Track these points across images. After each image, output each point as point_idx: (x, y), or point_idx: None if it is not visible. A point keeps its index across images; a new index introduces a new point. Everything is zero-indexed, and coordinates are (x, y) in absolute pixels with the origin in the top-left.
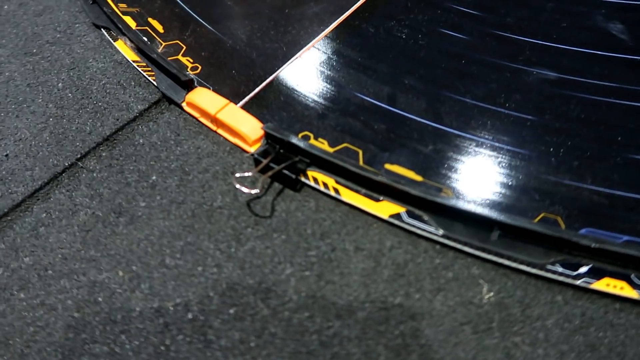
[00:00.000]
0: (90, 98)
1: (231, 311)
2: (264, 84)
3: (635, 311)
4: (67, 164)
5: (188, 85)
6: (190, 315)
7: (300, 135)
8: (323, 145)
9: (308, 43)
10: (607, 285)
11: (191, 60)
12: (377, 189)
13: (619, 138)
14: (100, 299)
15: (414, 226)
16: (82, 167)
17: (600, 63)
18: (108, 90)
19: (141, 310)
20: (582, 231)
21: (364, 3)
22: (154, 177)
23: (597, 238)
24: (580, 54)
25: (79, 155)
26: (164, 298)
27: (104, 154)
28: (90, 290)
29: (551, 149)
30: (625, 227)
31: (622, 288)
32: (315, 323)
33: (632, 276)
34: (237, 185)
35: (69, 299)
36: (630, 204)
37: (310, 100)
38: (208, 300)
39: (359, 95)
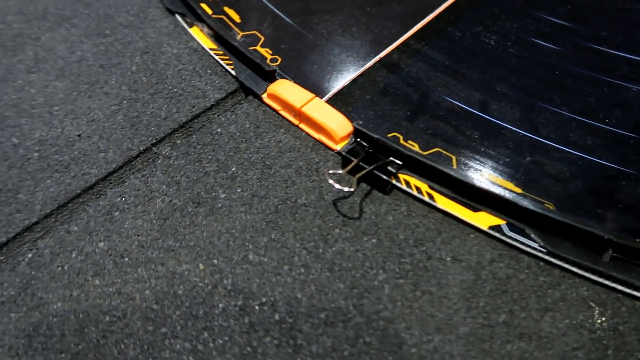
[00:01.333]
0: (165, 83)
1: (322, 315)
2: (348, 80)
3: None
4: (142, 149)
5: (270, 76)
6: (277, 317)
7: (388, 135)
8: (414, 147)
9: (392, 43)
10: None
11: (270, 52)
12: (477, 198)
13: None
14: (180, 292)
15: (516, 240)
16: (157, 152)
17: None
18: (183, 77)
19: (225, 307)
20: None
21: (449, 6)
22: (233, 169)
23: None
24: None
25: (154, 141)
26: (248, 296)
27: (179, 141)
28: (169, 281)
29: None
30: None
31: None
32: (414, 335)
33: None
34: (330, 181)
35: (147, 289)
36: None
37: (397, 100)
38: (296, 302)
39: (448, 99)
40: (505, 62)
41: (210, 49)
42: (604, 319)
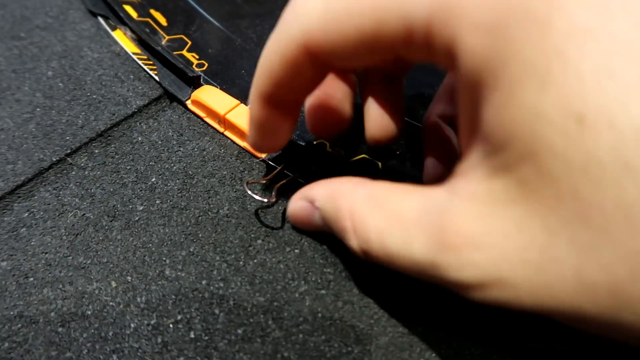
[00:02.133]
0: (84, 89)
1: (239, 331)
2: None
3: None
4: (54, 159)
5: (194, 82)
6: (192, 335)
7: (315, 142)
8: (340, 154)
9: None
10: None
11: (197, 57)
12: None
13: None
14: (89, 313)
15: None
16: (72, 163)
17: None
18: (104, 83)
19: (137, 327)
20: None
21: None
22: (153, 179)
23: None
24: None
25: (68, 151)
26: (162, 314)
27: (97, 151)
28: (77, 301)
29: None
30: None
31: None
32: (333, 347)
33: None
34: (249, 192)
35: (53, 311)
36: None
37: None
38: (213, 319)
39: None
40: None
41: (134, 53)
42: None
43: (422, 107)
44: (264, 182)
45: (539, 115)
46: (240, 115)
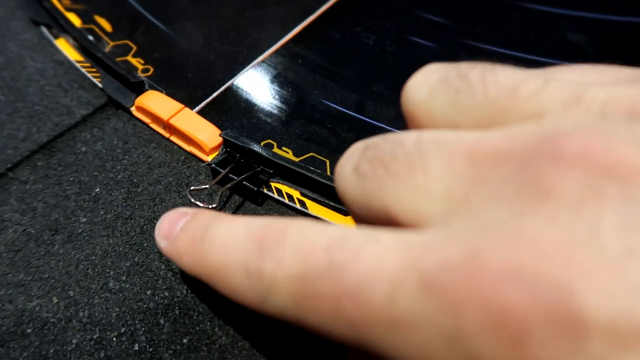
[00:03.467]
0: (26, 101)
1: (185, 340)
2: (222, 88)
3: None
4: None
5: (138, 88)
6: (137, 347)
7: (262, 143)
8: (287, 154)
9: (271, 47)
10: None
11: (142, 62)
12: None
13: None
14: (29, 331)
15: None
16: (12, 177)
17: None
18: (47, 93)
19: (78, 342)
20: None
21: (330, 7)
22: (97, 190)
23: None
24: (550, 65)
25: (9, 165)
26: (106, 327)
27: (39, 164)
28: (17, 320)
29: None
30: None
31: None
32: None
33: None
34: (192, 199)
35: None
36: None
37: (273, 106)
38: (158, 329)
39: (325, 102)
40: (384, 62)
41: (77, 61)
42: None
43: (371, 102)
44: (208, 187)
45: None
46: (185, 119)
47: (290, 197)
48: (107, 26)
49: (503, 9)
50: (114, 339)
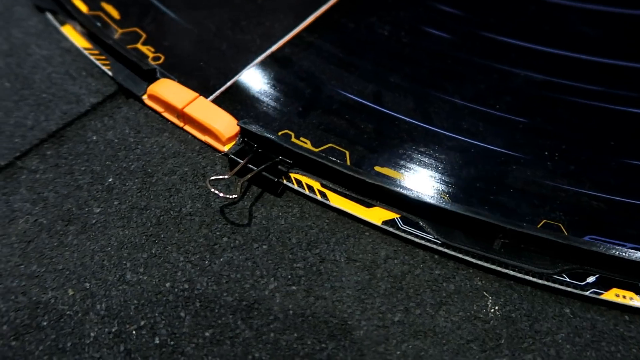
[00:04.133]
0: (32, 88)
1: (207, 334)
2: (237, 77)
3: None
4: (3, 164)
5: (150, 76)
6: (157, 340)
7: (279, 134)
8: (306, 145)
9: (284, 36)
10: (616, 295)
11: (152, 50)
12: (369, 193)
13: (612, 142)
14: (44, 324)
15: (410, 234)
16: (22, 167)
17: (585, 67)
18: (54, 81)
19: (97, 335)
20: (586, 238)
21: None
22: (110, 179)
23: (604, 246)
24: (565, 58)
25: (18, 154)
26: (125, 320)
27: (49, 152)
28: (32, 312)
29: (546, 153)
30: (628, 234)
31: (631, 298)
32: (306, 345)
33: None
34: (212, 189)
35: (5, 324)
36: (630, 210)
37: (289, 96)
38: (179, 322)
39: (342, 92)
40: (399, 52)
41: (85, 48)
42: (497, 307)
43: (388, 92)
44: (227, 177)
45: None
46: (200, 108)
47: (310, 188)
48: (115, 13)
49: (518, 1)
50: (134, 332)
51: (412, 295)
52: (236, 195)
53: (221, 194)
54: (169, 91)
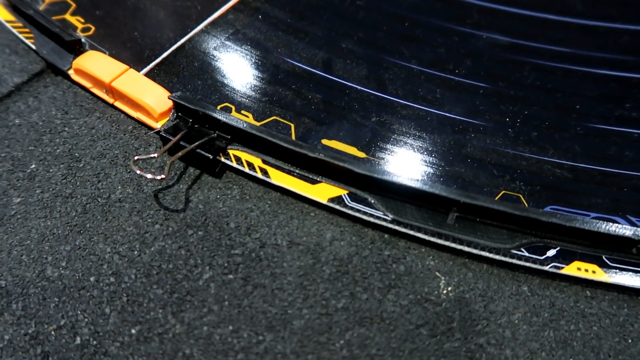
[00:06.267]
0: None
1: (133, 331)
2: (173, 47)
3: (607, 298)
4: None
5: (75, 48)
6: (78, 340)
7: (219, 107)
8: (247, 118)
9: (227, 2)
10: (578, 269)
11: (82, 20)
12: (314, 169)
13: (577, 106)
14: None
15: (358, 211)
16: None
17: (552, 27)
18: None
19: (11, 338)
20: (546, 209)
21: None
22: (33, 166)
23: (566, 216)
24: (531, 18)
25: None
26: (43, 320)
27: None
28: None
29: (507, 119)
30: (592, 203)
31: (593, 272)
32: (242, 338)
33: (604, 257)
34: (137, 171)
35: None
36: (595, 177)
37: (231, 67)
38: (103, 320)
39: (289, 60)
40: (353, 16)
41: (8, 21)
42: (450, 288)
43: (339, 60)
44: (156, 156)
45: None
46: (130, 82)
47: (250, 165)
48: None
49: None
50: (53, 332)
51: (359, 279)
52: (164, 176)
53: (148, 175)
54: (96, 64)
